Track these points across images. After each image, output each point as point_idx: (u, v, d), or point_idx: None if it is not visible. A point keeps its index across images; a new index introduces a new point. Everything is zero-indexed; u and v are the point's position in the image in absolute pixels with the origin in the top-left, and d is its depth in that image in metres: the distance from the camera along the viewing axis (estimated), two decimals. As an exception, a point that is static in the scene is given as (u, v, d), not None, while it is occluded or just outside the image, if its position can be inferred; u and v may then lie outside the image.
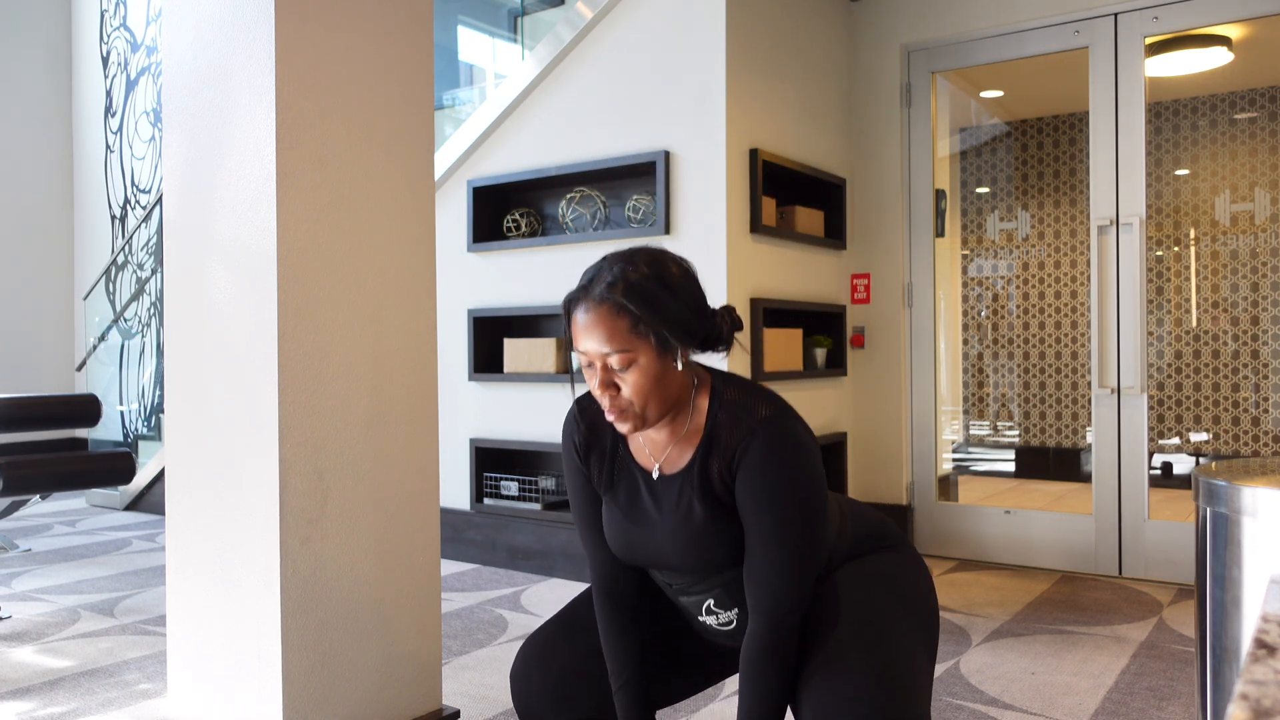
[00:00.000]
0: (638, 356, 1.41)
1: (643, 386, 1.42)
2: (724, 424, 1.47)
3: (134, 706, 2.54)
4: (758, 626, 1.44)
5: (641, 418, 1.45)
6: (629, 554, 1.56)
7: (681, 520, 1.49)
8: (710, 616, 1.57)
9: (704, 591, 1.55)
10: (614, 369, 1.42)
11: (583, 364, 1.46)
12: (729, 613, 1.55)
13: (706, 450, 1.48)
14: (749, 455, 1.43)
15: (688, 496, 1.49)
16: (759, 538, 1.43)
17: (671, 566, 1.53)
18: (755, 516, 1.43)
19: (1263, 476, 1.36)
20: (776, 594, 1.43)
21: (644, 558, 1.55)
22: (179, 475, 2.24)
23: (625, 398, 1.43)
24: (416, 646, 2.28)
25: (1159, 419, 5.89)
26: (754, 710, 1.44)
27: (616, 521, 1.57)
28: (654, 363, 1.42)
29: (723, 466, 1.46)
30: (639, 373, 1.41)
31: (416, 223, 2.30)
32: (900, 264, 4.37)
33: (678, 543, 1.49)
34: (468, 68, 6.02)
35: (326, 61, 2.10)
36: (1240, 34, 4.76)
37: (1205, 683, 1.41)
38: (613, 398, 1.43)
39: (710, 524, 1.47)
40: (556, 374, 3.90)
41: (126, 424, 6.96)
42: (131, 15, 7.09)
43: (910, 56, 4.38)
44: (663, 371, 1.43)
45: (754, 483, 1.43)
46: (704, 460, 1.48)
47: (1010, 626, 3.22)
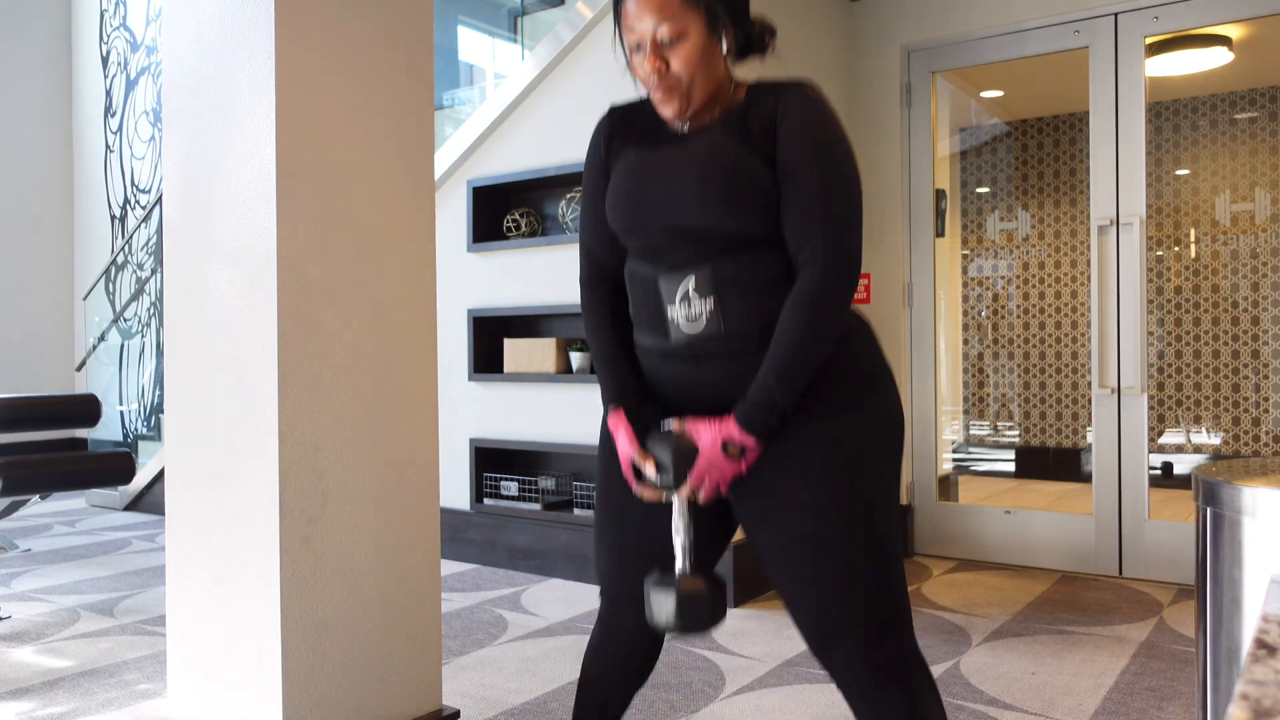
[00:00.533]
0: (687, 27, 1.45)
1: (691, 59, 1.46)
2: (764, 92, 1.51)
3: (134, 706, 2.54)
4: (811, 276, 1.43)
5: (687, 96, 1.49)
6: (634, 213, 1.53)
7: (710, 156, 1.49)
8: (683, 306, 1.50)
9: (690, 267, 1.49)
10: (664, 43, 1.46)
11: (631, 50, 1.51)
12: (704, 302, 1.48)
13: (746, 108, 1.51)
14: (792, 109, 1.47)
15: (719, 137, 1.50)
16: (812, 189, 1.44)
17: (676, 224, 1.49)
18: (805, 168, 1.44)
19: (1263, 476, 1.36)
20: (831, 240, 1.43)
21: (650, 214, 1.51)
22: (179, 475, 2.24)
23: (675, 71, 1.47)
24: (416, 646, 2.28)
25: (1159, 419, 5.89)
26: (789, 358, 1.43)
27: (629, 176, 1.55)
28: (703, 36, 1.46)
29: (762, 121, 1.48)
30: (689, 45, 1.46)
31: (416, 223, 2.30)
32: (900, 264, 4.37)
33: (701, 182, 1.47)
34: (468, 68, 6.02)
35: (326, 61, 2.10)
36: (1240, 34, 4.76)
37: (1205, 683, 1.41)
38: (661, 73, 1.47)
39: (739, 160, 1.47)
40: (556, 374, 3.89)
41: (126, 424, 6.96)
42: (131, 15, 7.09)
43: (910, 56, 4.38)
44: (710, 49, 1.48)
45: (800, 135, 1.45)
46: (743, 115, 1.51)
47: (1010, 626, 3.22)
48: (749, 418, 1.45)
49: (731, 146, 1.47)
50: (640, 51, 1.49)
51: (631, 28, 1.48)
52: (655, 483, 1.52)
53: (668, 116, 1.53)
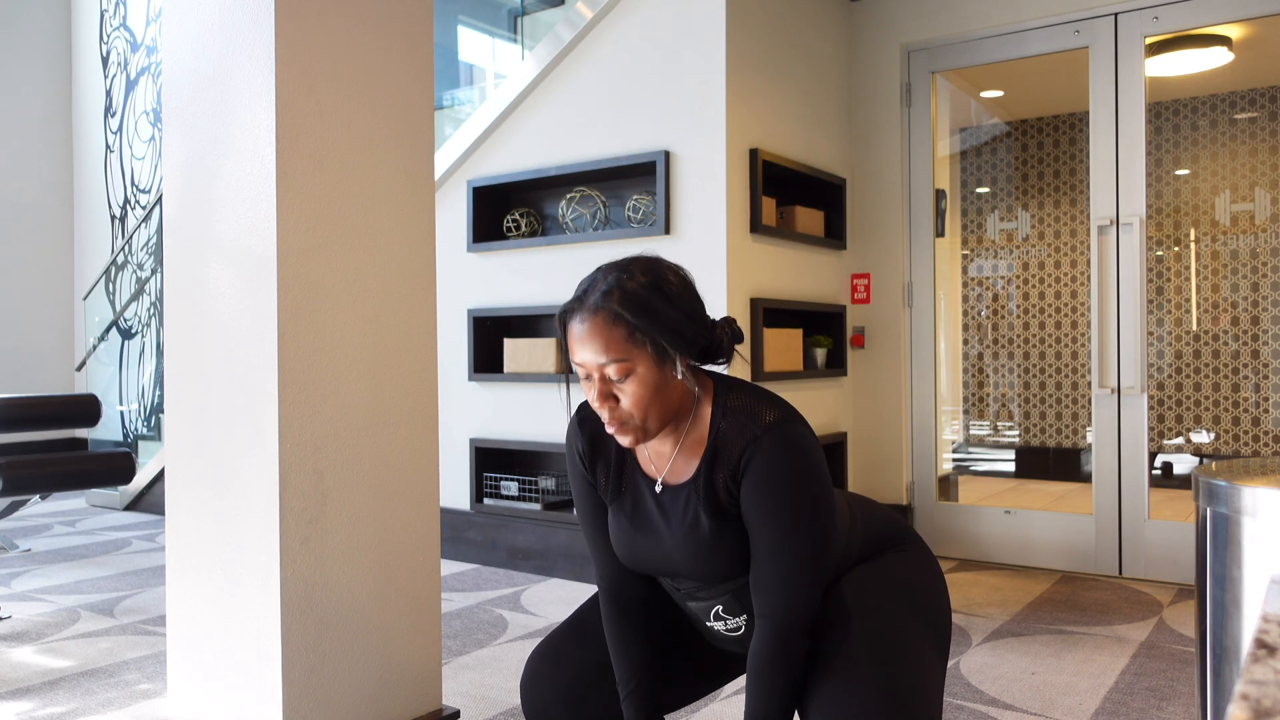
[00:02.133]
0: (635, 366, 1.38)
1: (642, 397, 1.39)
2: (727, 432, 1.44)
3: (134, 706, 2.54)
4: (765, 633, 1.43)
5: (642, 429, 1.43)
6: (636, 562, 1.55)
7: (688, 531, 1.48)
8: (718, 623, 1.57)
9: (712, 598, 1.54)
10: (612, 379, 1.39)
11: (581, 377, 1.43)
12: (737, 619, 1.54)
13: (711, 460, 1.46)
14: (753, 464, 1.41)
15: (694, 507, 1.47)
16: (765, 546, 1.42)
17: (679, 575, 1.53)
18: (761, 525, 1.42)
19: (1263, 476, 1.36)
20: (783, 602, 1.42)
21: (651, 566, 1.54)
22: (179, 475, 2.24)
23: (625, 409, 1.41)
24: (416, 647, 2.28)
25: (1159, 419, 5.89)
26: (761, 716, 1.43)
27: (623, 530, 1.55)
28: (652, 372, 1.39)
29: (727, 476, 1.44)
30: (637, 383, 1.39)
31: (416, 223, 2.30)
32: (900, 264, 4.37)
33: (685, 553, 1.48)
34: (468, 68, 6.01)
35: (326, 61, 2.10)
36: (1240, 34, 4.76)
37: (1205, 683, 1.41)
38: (612, 409, 1.41)
39: (717, 535, 1.46)
40: (556, 374, 3.90)
41: (126, 424, 6.96)
42: (131, 15, 7.09)
43: (910, 56, 4.38)
44: (662, 381, 1.40)
45: (759, 491, 1.41)
46: (709, 470, 1.46)
47: (1010, 626, 3.22)
48: None
49: (705, 521, 1.46)
50: (590, 381, 1.42)
51: (577, 358, 1.41)
52: None
53: (625, 446, 1.50)
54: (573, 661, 1.63)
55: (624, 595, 1.59)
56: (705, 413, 1.48)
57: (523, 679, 1.67)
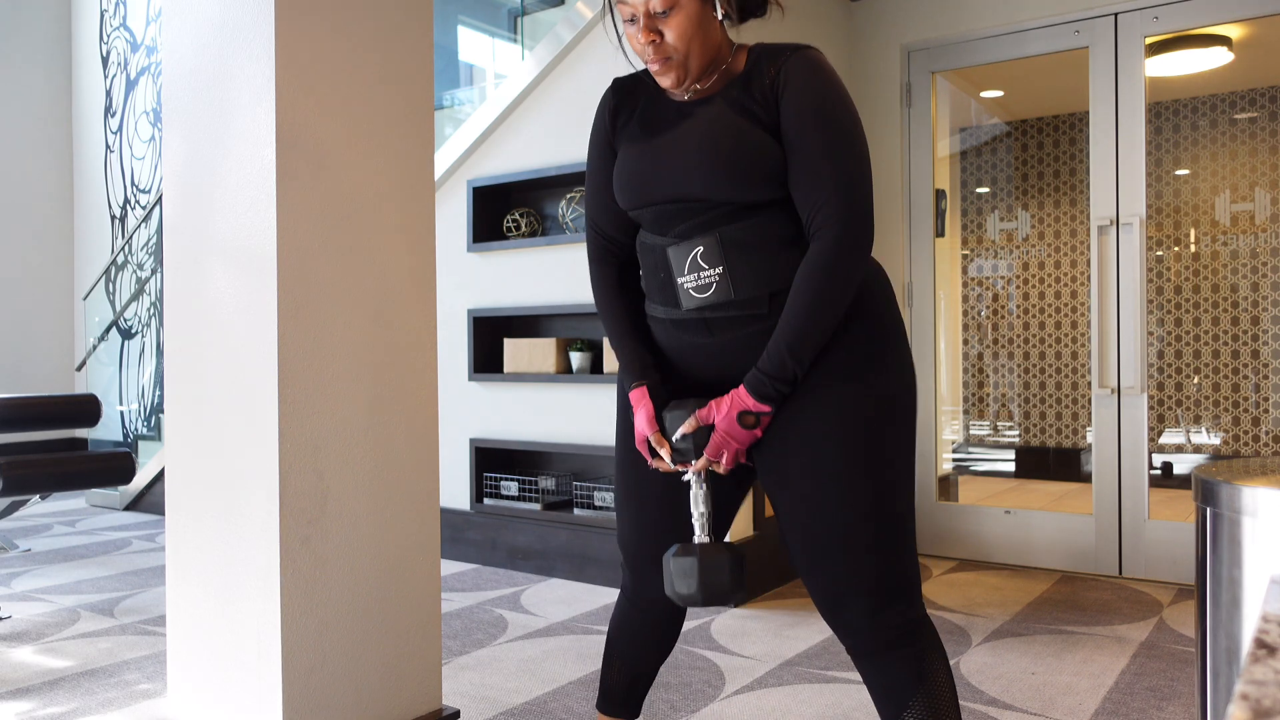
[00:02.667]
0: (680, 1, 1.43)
1: (685, 30, 1.45)
2: (762, 55, 1.51)
3: (134, 706, 2.54)
4: (824, 242, 1.43)
5: (684, 66, 1.48)
6: (641, 188, 1.54)
7: (714, 127, 1.48)
8: (691, 275, 1.51)
9: (697, 236, 1.50)
10: (657, 13, 1.44)
11: (624, 21, 1.49)
12: (712, 270, 1.49)
13: (747, 77, 1.50)
14: (794, 74, 1.45)
15: (721, 108, 1.49)
16: (817, 150, 1.43)
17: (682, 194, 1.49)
18: (812, 130, 1.43)
19: (1263, 476, 1.36)
20: (843, 205, 1.42)
21: (657, 187, 1.52)
22: (179, 475, 2.24)
23: (669, 43, 1.45)
24: (416, 646, 2.28)
25: (1159, 419, 5.89)
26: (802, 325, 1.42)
27: (634, 153, 1.55)
28: (696, 5, 1.45)
29: (763, 88, 1.47)
30: (682, 15, 1.44)
31: (416, 223, 2.30)
32: (900, 264, 4.37)
33: (704, 153, 1.47)
34: (468, 68, 6.02)
35: (326, 61, 2.10)
36: (1240, 34, 4.76)
37: (1205, 683, 1.41)
38: (656, 45, 1.46)
39: (743, 130, 1.46)
40: (556, 374, 3.89)
41: (126, 424, 6.96)
42: (131, 15, 7.09)
43: (910, 56, 4.38)
44: (704, 18, 1.46)
45: (804, 97, 1.44)
46: (744, 84, 1.49)
47: (1010, 626, 3.22)
48: (762, 386, 1.45)
49: (733, 117, 1.47)
50: (634, 24, 1.47)
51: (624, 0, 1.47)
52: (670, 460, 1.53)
53: (666, 87, 1.53)
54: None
55: (614, 248, 1.64)
56: (742, 57, 1.55)
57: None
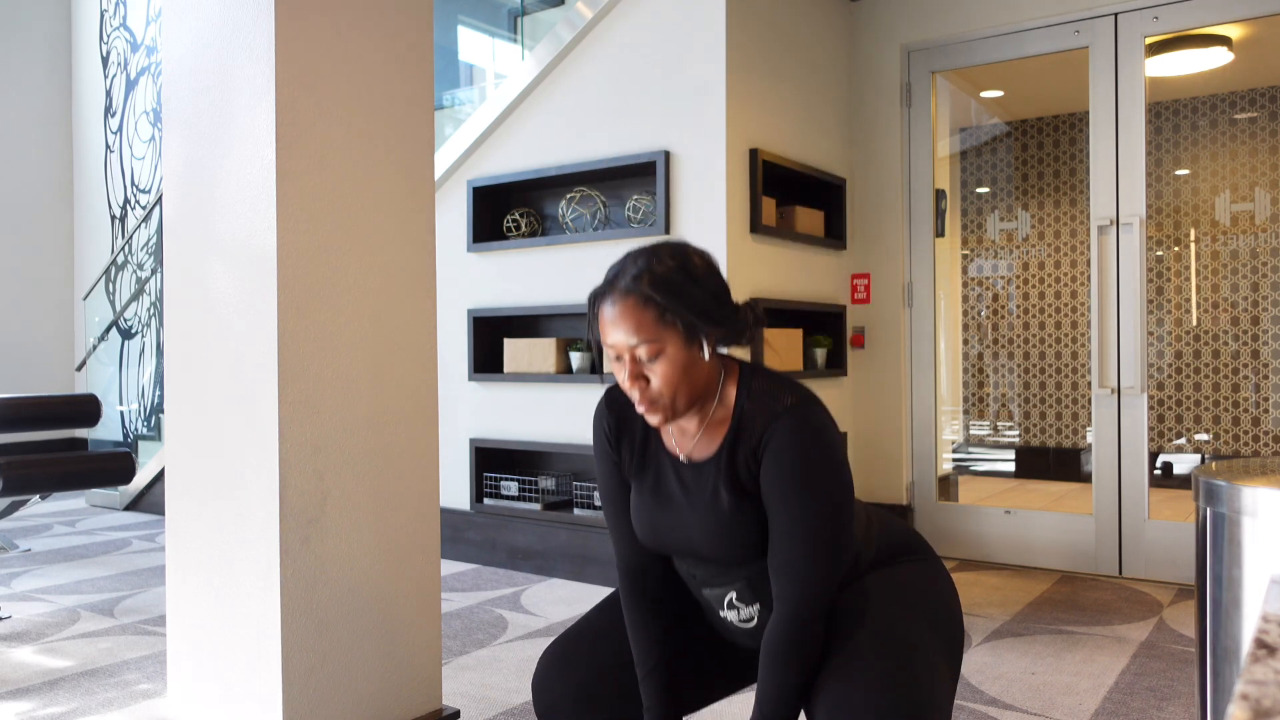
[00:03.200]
0: (665, 346, 1.43)
1: (671, 377, 1.44)
2: (750, 412, 1.48)
3: (134, 706, 2.54)
4: (781, 616, 1.44)
5: (671, 408, 1.47)
6: (656, 540, 1.57)
7: (709, 508, 1.50)
8: (732, 611, 1.57)
9: (727, 584, 1.55)
10: (642, 360, 1.44)
11: (610, 359, 1.48)
12: (750, 608, 1.55)
13: (734, 439, 1.49)
14: (774, 441, 1.44)
15: (715, 484, 1.50)
16: (784, 524, 1.43)
17: (697, 554, 1.54)
18: (780, 503, 1.44)
19: (1263, 476, 1.36)
20: (801, 583, 1.43)
21: (671, 544, 1.56)
22: (179, 475, 2.24)
23: (655, 389, 1.45)
24: (416, 646, 2.28)
25: (1159, 419, 5.89)
26: (771, 701, 1.43)
27: (645, 507, 1.57)
28: (681, 352, 1.44)
29: (748, 454, 1.47)
30: (667, 363, 1.43)
31: (416, 223, 2.30)
32: (900, 264, 4.37)
33: (705, 530, 1.50)
34: (468, 68, 6.01)
35: (326, 61, 2.10)
36: (1240, 34, 4.76)
37: (1205, 683, 1.41)
38: (642, 390, 1.45)
39: (737, 513, 1.48)
40: (556, 374, 3.89)
41: (126, 424, 6.96)
42: (131, 15, 7.09)
43: (910, 56, 4.38)
44: (690, 361, 1.45)
45: (779, 468, 1.44)
46: (731, 448, 1.49)
47: (1010, 626, 3.22)
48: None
49: (726, 497, 1.48)
50: (619, 361, 1.46)
51: (608, 340, 1.46)
52: None
53: (653, 424, 1.53)
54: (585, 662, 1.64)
55: (643, 577, 1.62)
56: (730, 394, 1.52)
57: (534, 678, 1.67)
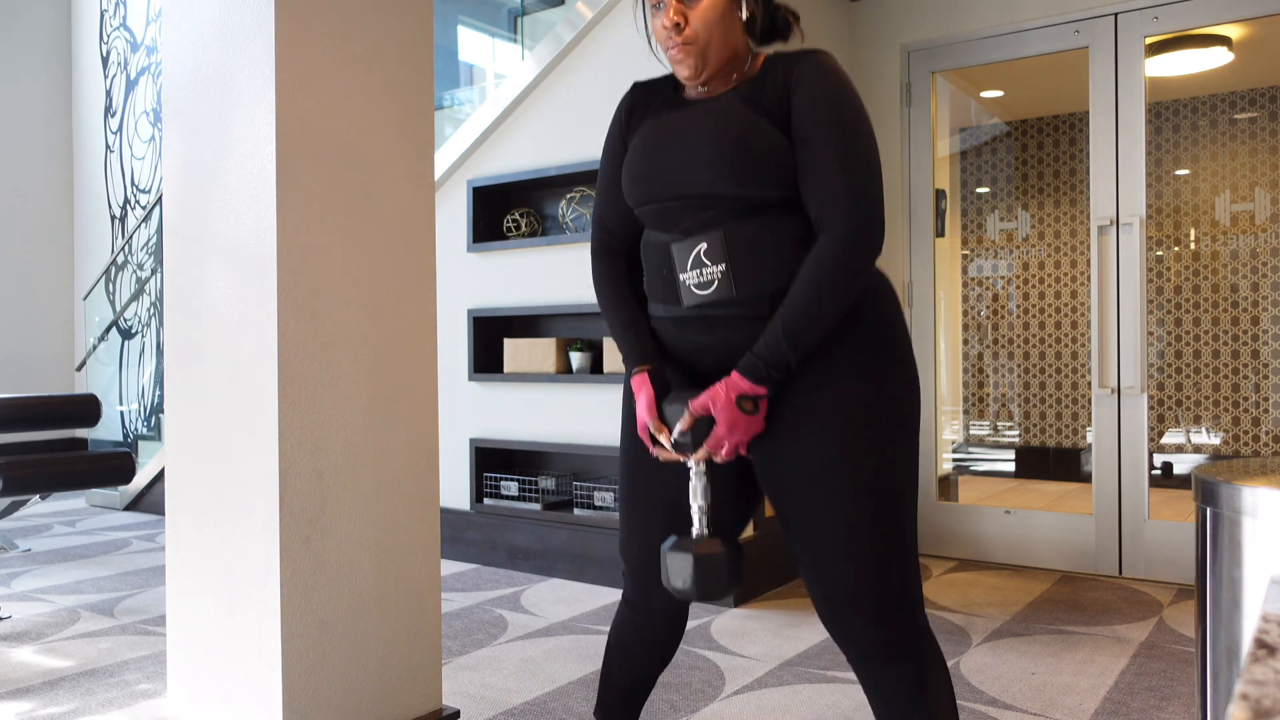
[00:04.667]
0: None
1: (709, 17, 1.48)
2: (777, 62, 1.53)
3: (134, 706, 2.54)
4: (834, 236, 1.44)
5: (703, 56, 1.50)
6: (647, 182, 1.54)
7: (724, 121, 1.49)
8: (695, 272, 1.50)
9: (703, 231, 1.49)
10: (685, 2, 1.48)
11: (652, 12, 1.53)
12: (715, 267, 1.49)
13: (761, 76, 1.52)
14: (806, 75, 1.47)
15: (733, 103, 1.51)
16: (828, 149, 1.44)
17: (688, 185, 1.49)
18: (820, 130, 1.45)
19: (1263, 476, 1.36)
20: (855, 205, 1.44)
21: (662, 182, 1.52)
22: (179, 475, 2.24)
23: (692, 28, 1.48)
24: (416, 646, 2.28)
25: (1159, 419, 5.89)
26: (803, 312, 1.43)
27: (644, 147, 1.56)
28: None
29: (777, 85, 1.49)
30: (707, 4, 1.48)
31: (416, 223, 2.30)
32: (900, 264, 4.37)
33: (710, 143, 1.48)
34: (468, 68, 6.02)
35: (326, 61, 2.10)
36: (1240, 34, 4.76)
37: (1205, 683, 1.41)
38: (679, 27, 1.49)
39: (752, 124, 1.47)
40: (556, 374, 3.89)
41: (126, 424, 6.96)
42: (131, 15, 7.09)
43: (910, 56, 4.38)
44: (729, 12, 1.50)
45: (814, 99, 1.45)
46: (758, 82, 1.51)
47: (1010, 626, 3.22)
48: (756, 369, 1.45)
49: (744, 111, 1.48)
50: (660, 8, 1.51)
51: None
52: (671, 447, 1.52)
53: (683, 76, 1.54)
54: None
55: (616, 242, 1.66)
56: (758, 64, 1.57)
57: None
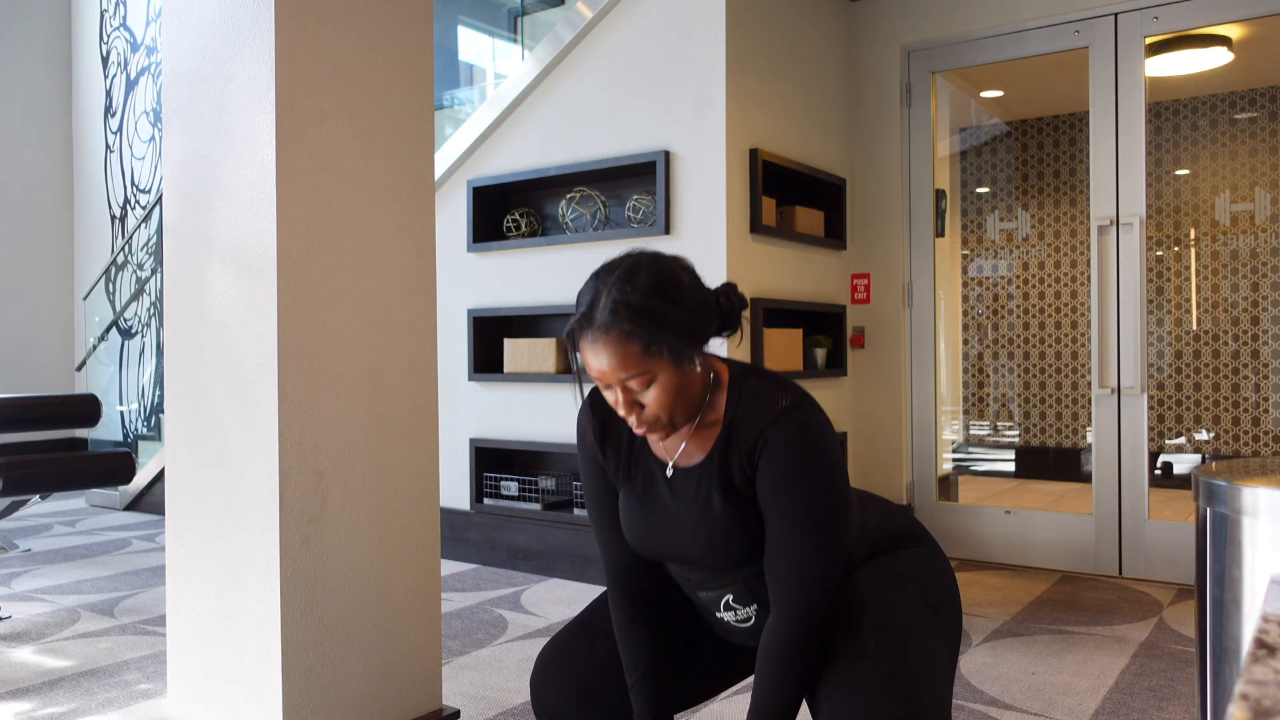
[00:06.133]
0: (656, 375, 1.37)
1: (666, 401, 1.39)
2: (742, 416, 1.44)
3: (134, 706, 2.54)
4: (779, 623, 1.42)
5: (670, 426, 1.43)
6: (646, 547, 1.54)
7: (700, 513, 1.47)
8: (728, 613, 1.56)
9: (722, 587, 1.53)
10: (634, 390, 1.39)
11: (601, 386, 1.43)
12: (747, 609, 1.54)
13: (725, 443, 1.46)
14: (769, 447, 1.41)
15: (706, 489, 1.47)
16: (782, 531, 1.41)
17: (690, 560, 1.52)
18: (778, 510, 1.41)
19: (1263, 476, 1.36)
20: (799, 589, 1.41)
21: (662, 550, 1.53)
22: (179, 475, 2.24)
23: (650, 414, 1.40)
24: (416, 646, 2.28)
25: (1159, 419, 5.89)
26: (766, 705, 1.42)
27: (634, 514, 1.55)
28: (673, 377, 1.38)
29: (743, 459, 1.44)
30: (660, 389, 1.38)
31: (416, 223, 2.30)
32: (900, 264, 4.37)
33: (697, 535, 1.48)
34: (468, 68, 6.01)
35: (326, 61, 2.10)
36: (1240, 34, 4.76)
37: (1205, 683, 1.41)
38: (639, 415, 1.41)
39: (730, 516, 1.45)
40: (556, 374, 3.89)
41: (126, 424, 6.96)
42: (131, 15, 7.09)
43: (910, 56, 4.38)
44: (683, 380, 1.40)
45: (776, 475, 1.41)
46: (723, 453, 1.46)
47: (1010, 626, 3.22)
48: None
49: (717, 502, 1.46)
50: (610, 390, 1.41)
51: (593, 372, 1.39)
52: None
53: (654, 441, 1.52)
54: (583, 659, 1.63)
55: (633, 583, 1.58)
56: (720, 399, 1.48)
57: (532, 677, 1.66)
